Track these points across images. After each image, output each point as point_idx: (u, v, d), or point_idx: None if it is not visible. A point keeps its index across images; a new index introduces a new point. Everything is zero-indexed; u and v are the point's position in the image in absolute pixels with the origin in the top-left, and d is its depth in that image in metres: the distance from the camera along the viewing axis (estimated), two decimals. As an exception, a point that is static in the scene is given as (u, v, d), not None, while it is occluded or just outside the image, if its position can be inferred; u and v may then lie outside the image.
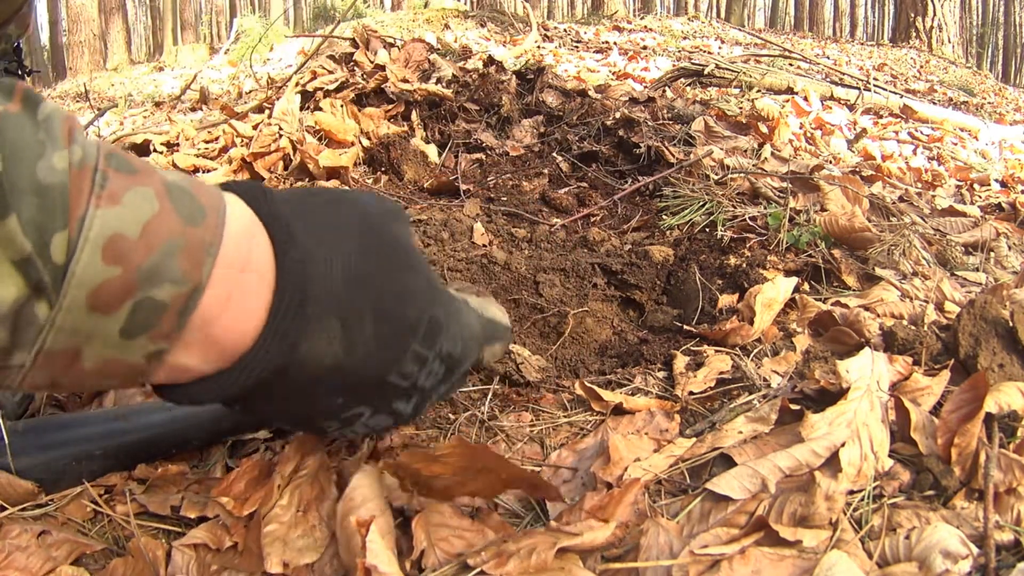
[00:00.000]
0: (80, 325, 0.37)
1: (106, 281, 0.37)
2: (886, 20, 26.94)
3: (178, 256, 0.39)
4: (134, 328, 0.39)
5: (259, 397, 0.47)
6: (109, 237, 0.36)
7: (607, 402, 0.82)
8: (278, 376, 0.45)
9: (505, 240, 1.36)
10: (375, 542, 0.53)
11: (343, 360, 0.48)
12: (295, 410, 0.52)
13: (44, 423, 0.72)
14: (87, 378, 0.40)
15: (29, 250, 0.34)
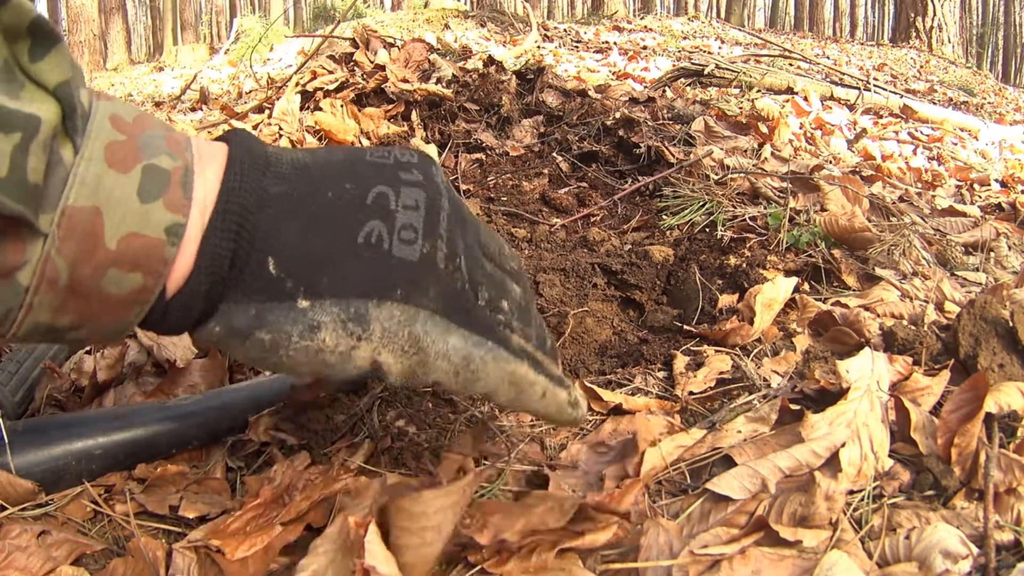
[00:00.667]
0: (100, 179, 0.40)
1: (115, 141, 0.42)
2: (886, 20, 26.94)
3: (165, 140, 0.45)
4: (149, 189, 0.42)
5: (267, 208, 0.48)
6: (111, 114, 0.43)
7: (607, 402, 0.82)
8: (265, 172, 0.49)
9: (505, 240, 1.36)
10: (373, 543, 0.53)
11: (310, 160, 0.52)
12: (318, 226, 0.49)
13: (44, 423, 0.72)
14: (108, 267, 0.42)
15: (70, 74, 0.40)
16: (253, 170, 0.48)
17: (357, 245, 0.49)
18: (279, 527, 0.62)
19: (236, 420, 0.78)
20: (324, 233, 0.49)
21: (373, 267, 0.50)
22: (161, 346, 0.97)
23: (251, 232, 0.47)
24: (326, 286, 0.48)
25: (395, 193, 0.52)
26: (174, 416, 0.76)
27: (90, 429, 0.72)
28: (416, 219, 0.51)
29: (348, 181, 0.51)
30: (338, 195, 0.50)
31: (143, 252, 0.43)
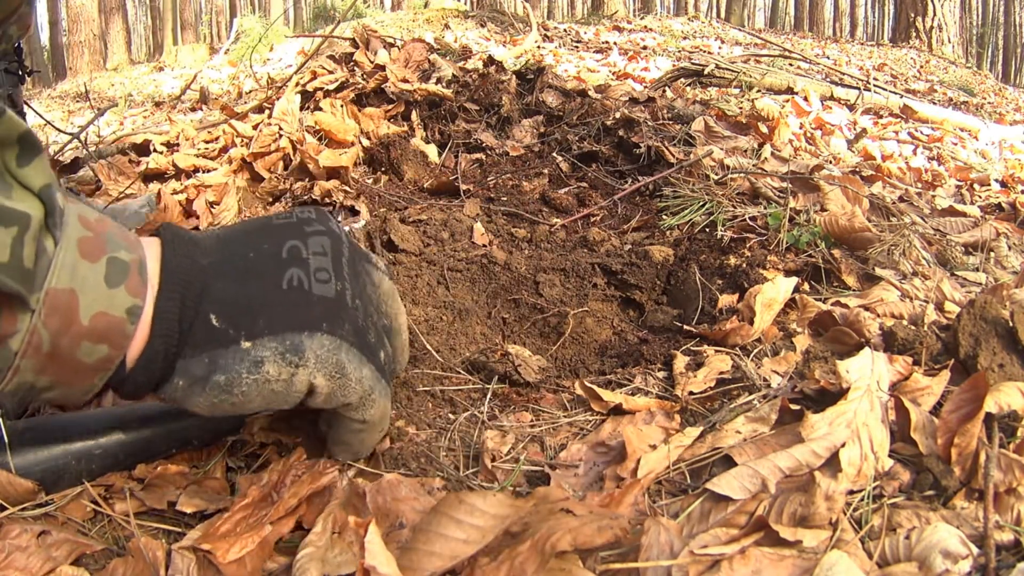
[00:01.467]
0: (75, 267, 0.49)
1: (84, 236, 0.50)
2: (886, 20, 26.95)
3: (121, 237, 0.54)
4: (114, 277, 0.51)
5: (205, 278, 0.58)
6: (79, 214, 0.51)
7: (607, 402, 0.82)
8: (195, 247, 0.60)
9: (505, 240, 1.36)
10: (373, 542, 0.53)
11: (228, 233, 0.64)
12: (249, 279, 0.60)
13: (44, 422, 0.72)
14: (82, 340, 0.50)
15: (51, 179, 0.48)
16: (183, 247, 0.59)
17: (282, 290, 0.59)
18: (268, 526, 0.62)
19: (236, 420, 0.78)
20: (253, 284, 0.59)
21: (299, 306, 0.59)
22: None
23: (192, 295, 0.57)
24: (262, 327, 0.58)
25: (304, 244, 0.62)
26: (173, 416, 0.76)
27: (89, 429, 0.72)
28: (326, 263, 0.62)
29: (264, 242, 0.62)
30: (258, 253, 0.61)
31: (109, 328, 0.51)
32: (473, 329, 1.07)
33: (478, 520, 0.57)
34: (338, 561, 0.57)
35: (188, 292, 0.56)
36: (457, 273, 1.19)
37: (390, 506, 0.64)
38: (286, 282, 0.60)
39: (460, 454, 0.77)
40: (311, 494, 0.66)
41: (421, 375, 0.92)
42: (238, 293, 0.58)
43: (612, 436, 0.77)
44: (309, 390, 0.60)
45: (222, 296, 0.57)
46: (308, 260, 0.61)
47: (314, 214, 0.66)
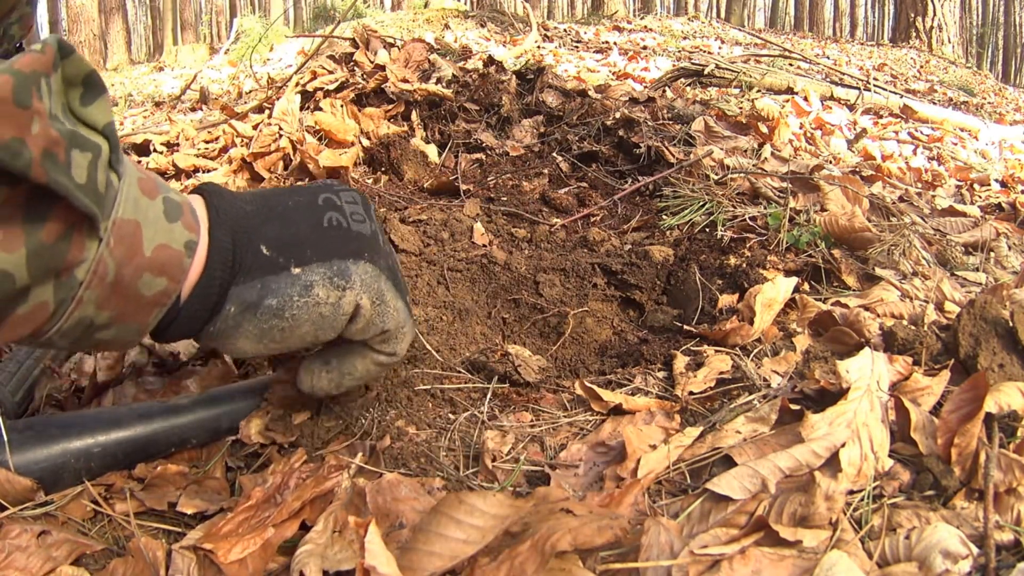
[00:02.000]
0: (138, 200, 0.51)
1: (141, 177, 0.54)
2: (886, 20, 26.94)
3: (169, 186, 0.57)
4: (172, 212, 0.54)
5: (253, 224, 0.62)
6: (131, 161, 0.53)
7: (607, 402, 0.82)
8: (244, 202, 0.63)
9: (505, 240, 1.36)
10: (373, 542, 0.53)
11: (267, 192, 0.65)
12: (289, 223, 0.64)
13: (44, 422, 0.72)
14: (145, 271, 0.53)
15: (112, 117, 0.50)
16: (227, 196, 0.62)
17: (323, 228, 0.65)
18: (271, 528, 0.62)
19: (235, 420, 0.78)
20: (297, 224, 0.64)
21: (341, 240, 0.65)
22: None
23: (242, 231, 0.61)
24: (310, 256, 0.63)
25: (336, 196, 0.68)
26: (173, 415, 0.76)
27: (89, 428, 0.72)
28: (359, 209, 0.68)
29: (299, 195, 0.67)
30: (296, 203, 0.66)
31: (169, 261, 0.54)
32: (473, 329, 1.07)
33: (478, 520, 0.57)
34: (338, 558, 0.57)
35: (237, 228, 0.61)
36: (457, 273, 1.19)
37: (390, 506, 0.64)
38: (326, 221, 0.65)
39: (460, 454, 0.77)
40: (314, 497, 0.66)
41: (421, 375, 0.92)
42: (283, 231, 0.63)
43: (612, 436, 0.77)
44: (352, 314, 0.65)
45: (269, 233, 0.62)
46: (343, 206, 0.67)
47: (334, 182, 0.72)
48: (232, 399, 0.79)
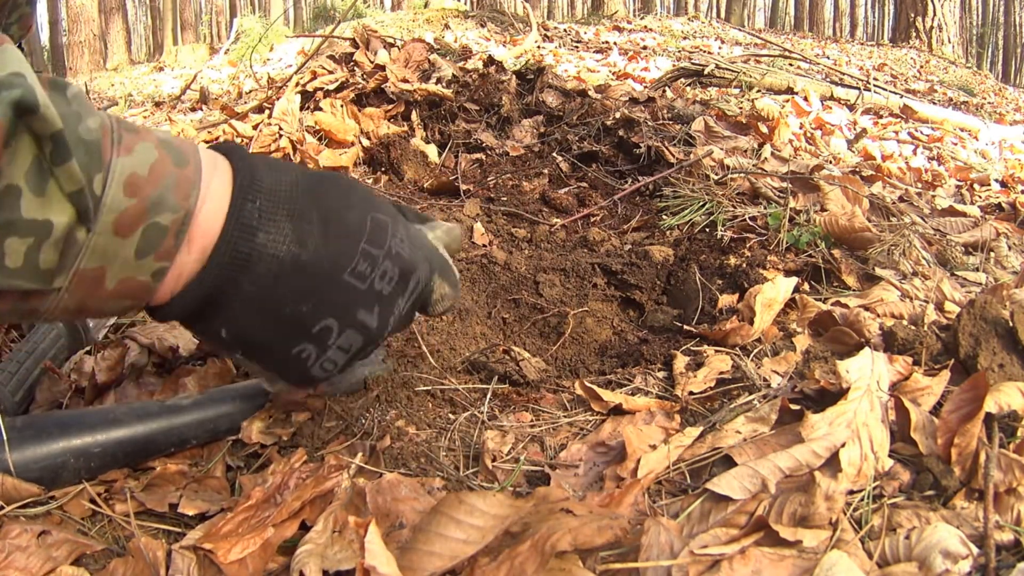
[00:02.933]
0: (107, 247, 0.49)
1: (126, 209, 0.49)
2: (886, 20, 26.94)
3: (173, 190, 0.51)
4: (145, 248, 0.51)
5: (236, 298, 0.56)
6: (128, 176, 0.49)
7: (607, 402, 0.82)
8: (245, 267, 0.55)
9: (505, 240, 1.36)
10: (373, 542, 0.53)
11: (298, 253, 0.56)
12: (271, 326, 0.59)
13: (43, 420, 0.72)
14: (107, 299, 0.52)
15: (82, 183, 0.46)
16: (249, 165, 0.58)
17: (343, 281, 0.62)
18: (271, 528, 0.62)
19: (235, 420, 0.78)
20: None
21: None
22: (162, 339, 0.97)
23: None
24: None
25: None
26: (173, 415, 0.76)
27: (89, 427, 0.72)
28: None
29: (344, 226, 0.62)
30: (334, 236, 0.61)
31: (133, 289, 0.53)
32: (473, 329, 1.07)
33: (478, 520, 0.57)
34: (338, 558, 0.57)
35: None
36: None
37: (390, 506, 0.64)
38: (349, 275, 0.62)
39: (460, 454, 0.77)
40: (314, 497, 0.66)
41: (421, 375, 0.92)
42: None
43: (612, 436, 0.77)
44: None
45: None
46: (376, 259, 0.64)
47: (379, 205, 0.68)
48: (232, 399, 0.79)
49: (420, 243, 0.67)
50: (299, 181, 0.59)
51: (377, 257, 0.60)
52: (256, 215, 0.55)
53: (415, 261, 0.64)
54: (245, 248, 0.55)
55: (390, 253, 0.61)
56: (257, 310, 0.57)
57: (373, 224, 0.61)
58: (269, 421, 0.79)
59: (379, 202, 0.64)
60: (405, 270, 0.63)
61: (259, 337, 0.59)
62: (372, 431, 0.79)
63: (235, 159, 0.58)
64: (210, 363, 0.92)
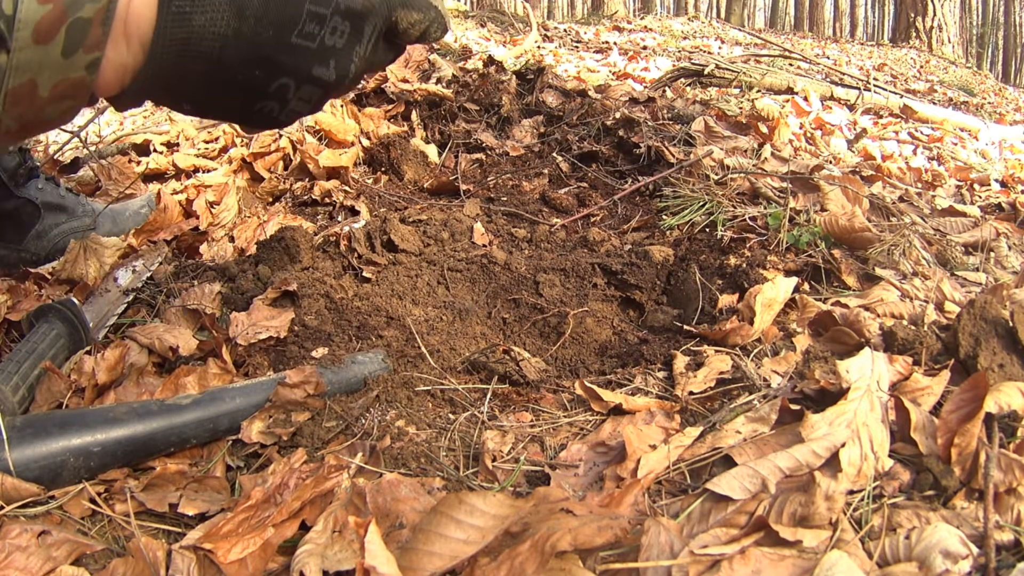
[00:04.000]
0: (31, 58, 0.49)
1: (43, 17, 0.48)
2: (886, 20, 26.95)
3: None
4: (71, 46, 0.50)
5: (187, 77, 0.56)
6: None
7: (607, 402, 0.82)
8: (186, 51, 0.55)
9: (505, 240, 1.36)
10: (373, 542, 0.53)
11: (239, 27, 0.56)
12: (230, 91, 0.59)
13: (42, 419, 0.72)
14: (47, 106, 0.52)
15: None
16: None
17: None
18: (271, 528, 0.62)
19: (235, 420, 0.78)
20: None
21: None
22: (162, 339, 0.97)
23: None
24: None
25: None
26: (173, 414, 0.76)
27: (89, 426, 0.72)
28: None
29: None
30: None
31: (70, 88, 0.52)
32: (473, 329, 1.07)
33: (478, 520, 0.57)
34: (338, 558, 0.57)
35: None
36: (457, 273, 1.19)
37: (390, 506, 0.64)
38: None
39: (460, 454, 0.77)
40: (314, 497, 0.66)
41: (421, 375, 0.92)
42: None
43: (612, 436, 0.77)
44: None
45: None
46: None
47: None
48: (232, 399, 0.80)
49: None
50: None
51: (324, 15, 0.59)
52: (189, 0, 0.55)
53: (367, 6, 0.62)
54: (182, 34, 0.55)
55: (338, 8, 0.60)
56: (210, 83, 0.58)
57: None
58: (269, 421, 0.79)
59: None
60: (357, 19, 0.62)
61: (220, 103, 0.61)
62: (372, 431, 0.79)
63: None
64: (210, 363, 0.92)
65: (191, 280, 1.19)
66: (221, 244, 1.47)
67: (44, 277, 1.24)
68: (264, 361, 0.95)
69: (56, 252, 1.34)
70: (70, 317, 0.99)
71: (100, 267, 1.25)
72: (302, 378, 0.82)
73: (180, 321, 1.06)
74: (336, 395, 0.85)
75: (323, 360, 0.90)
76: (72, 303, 1.01)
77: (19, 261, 1.33)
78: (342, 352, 0.95)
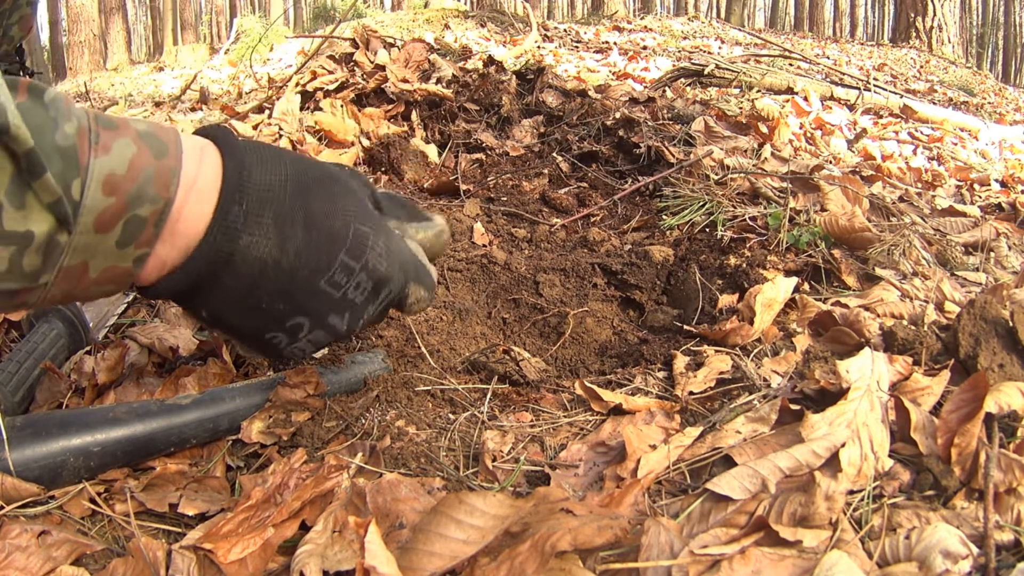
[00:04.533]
0: (89, 243, 0.52)
1: (106, 208, 0.51)
2: (886, 20, 26.94)
3: (153, 183, 0.53)
4: (126, 239, 0.53)
5: (216, 288, 0.58)
6: (107, 176, 0.51)
7: (607, 402, 0.82)
8: (227, 265, 0.57)
9: (505, 240, 1.36)
10: (373, 542, 0.53)
11: (279, 258, 0.59)
12: (248, 314, 0.61)
13: (42, 419, 0.72)
14: (92, 286, 0.54)
15: (59, 193, 0.48)
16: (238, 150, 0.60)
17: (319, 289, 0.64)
18: (271, 528, 0.62)
19: (235, 420, 0.78)
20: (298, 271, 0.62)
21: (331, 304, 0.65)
22: (162, 339, 0.97)
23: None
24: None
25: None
26: (173, 414, 0.76)
27: (89, 426, 0.72)
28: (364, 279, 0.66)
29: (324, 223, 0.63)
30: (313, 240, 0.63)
31: (116, 275, 0.55)
32: (473, 329, 1.07)
33: (478, 520, 0.57)
34: (338, 558, 0.57)
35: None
36: (457, 273, 1.19)
37: (390, 506, 0.64)
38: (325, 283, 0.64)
39: (460, 454, 0.77)
40: (314, 497, 0.66)
41: (421, 375, 0.92)
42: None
43: (612, 436, 0.77)
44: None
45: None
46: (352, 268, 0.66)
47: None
48: (232, 399, 0.79)
49: (398, 254, 0.68)
50: (287, 180, 0.60)
51: (354, 269, 0.63)
52: (242, 218, 0.57)
53: (390, 274, 0.66)
54: (228, 248, 0.57)
55: (366, 266, 0.64)
56: (235, 301, 0.60)
57: (355, 236, 0.62)
58: (269, 421, 0.79)
59: (364, 210, 0.65)
60: (379, 283, 0.65)
61: (235, 322, 0.62)
62: (372, 431, 0.79)
63: (224, 148, 0.59)
64: (210, 363, 0.92)
65: (191, 280, 1.19)
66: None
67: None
68: (264, 361, 0.95)
69: None
70: (70, 317, 0.99)
71: (100, 267, 1.25)
72: (302, 378, 0.82)
73: (180, 321, 1.06)
74: (336, 395, 0.85)
75: (323, 360, 0.90)
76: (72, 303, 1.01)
77: None
78: (342, 352, 0.95)
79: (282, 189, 0.59)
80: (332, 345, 0.69)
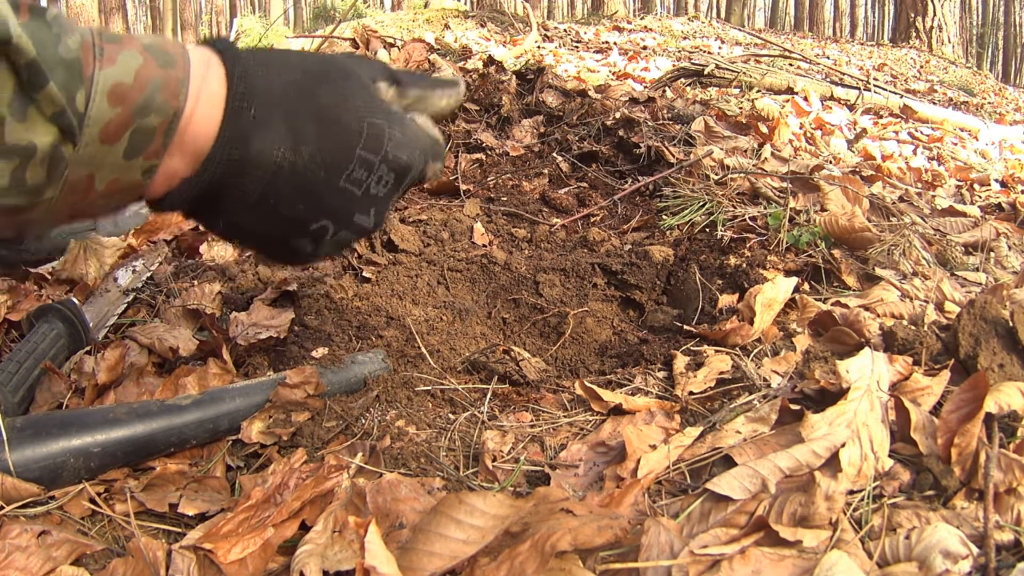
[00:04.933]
0: (94, 155, 0.50)
1: (112, 118, 0.50)
2: (886, 20, 26.95)
3: (160, 92, 0.52)
4: (133, 150, 0.52)
5: (232, 197, 0.57)
6: (112, 86, 0.50)
7: (607, 402, 0.82)
8: (240, 173, 0.56)
9: (505, 240, 1.36)
10: (373, 542, 0.53)
11: (294, 160, 0.57)
12: (268, 222, 0.60)
13: (43, 419, 0.72)
14: (99, 199, 0.54)
15: (63, 104, 0.47)
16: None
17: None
18: (271, 528, 0.62)
19: (235, 420, 0.78)
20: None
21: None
22: (162, 339, 0.97)
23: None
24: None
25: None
26: (173, 415, 0.76)
27: (89, 427, 0.72)
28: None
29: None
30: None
31: (124, 187, 0.54)
32: (473, 329, 1.07)
33: (478, 520, 0.57)
34: (338, 558, 0.57)
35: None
36: (457, 273, 1.19)
37: (390, 506, 0.64)
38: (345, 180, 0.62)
39: (460, 454, 0.77)
40: (314, 497, 0.66)
41: (421, 375, 0.92)
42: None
43: (612, 436, 0.77)
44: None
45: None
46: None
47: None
48: (232, 399, 0.79)
49: (414, 139, 0.66)
50: (295, 81, 0.59)
51: (373, 163, 0.61)
52: (250, 123, 0.56)
53: (411, 161, 0.64)
54: (238, 155, 0.56)
55: (386, 158, 0.62)
56: (252, 209, 0.58)
57: (369, 130, 0.60)
58: (269, 421, 0.79)
59: (375, 103, 0.63)
60: (401, 172, 0.63)
61: (256, 231, 0.61)
62: (372, 431, 0.79)
63: (228, 58, 0.57)
64: (210, 363, 0.92)
65: (191, 280, 1.19)
66: (221, 244, 1.47)
67: (44, 277, 1.24)
68: (264, 361, 0.95)
69: (56, 252, 1.34)
70: (70, 317, 0.99)
71: (100, 267, 1.25)
72: (302, 378, 0.82)
73: (180, 321, 1.06)
74: (336, 395, 0.85)
75: (323, 360, 0.90)
76: (72, 303, 1.01)
77: (19, 261, 1.33)
78: (342, 352, 0.95)
79: (291, 91, 0.58)
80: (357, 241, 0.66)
